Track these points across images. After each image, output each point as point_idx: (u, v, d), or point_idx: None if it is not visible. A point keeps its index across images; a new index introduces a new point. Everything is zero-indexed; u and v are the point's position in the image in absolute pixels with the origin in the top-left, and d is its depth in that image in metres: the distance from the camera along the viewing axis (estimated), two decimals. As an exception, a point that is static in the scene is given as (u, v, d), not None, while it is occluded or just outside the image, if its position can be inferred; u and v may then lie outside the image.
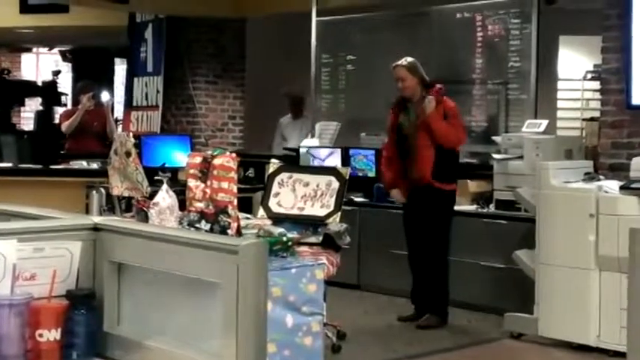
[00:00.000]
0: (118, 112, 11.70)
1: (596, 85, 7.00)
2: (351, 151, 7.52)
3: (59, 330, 1.89)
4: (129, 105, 10.09)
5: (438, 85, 5.95)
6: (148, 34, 9.74)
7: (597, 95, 6.75)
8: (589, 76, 8.63)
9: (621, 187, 5.24)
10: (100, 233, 2.03)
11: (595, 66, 7.82)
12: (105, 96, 9.41)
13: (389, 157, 6.13)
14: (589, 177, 5.55)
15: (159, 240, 1.92)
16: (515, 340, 5.63)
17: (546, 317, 5.44)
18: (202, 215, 3.59)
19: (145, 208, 3.96)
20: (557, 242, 5.39)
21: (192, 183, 3.66)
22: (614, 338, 5.07)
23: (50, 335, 1.88)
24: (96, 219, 2.07)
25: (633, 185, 5.19)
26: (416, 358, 5.30)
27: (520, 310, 5.66)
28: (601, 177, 5.58)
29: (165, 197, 3.85)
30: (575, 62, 8.87)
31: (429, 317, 5.95)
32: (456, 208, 6.13)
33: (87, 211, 5.98)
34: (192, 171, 3.68)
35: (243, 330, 1.70)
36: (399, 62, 6.02)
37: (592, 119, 7.18)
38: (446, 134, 5.80)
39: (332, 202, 4.41)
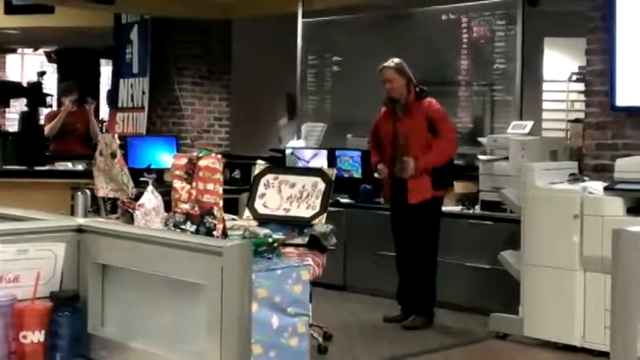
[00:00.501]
0: (104, 113, 11.67)
1: (581, 86, 7.03)
2: (337, 153, 7.53)
3: (43, 332, 1.88)
4: (114, 106, 10.05)
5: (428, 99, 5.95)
6: (134, 35, 9.71)
7: (582, 97, 6.78)
8: (574, 77, 8.66)
9: (605, 188, 5.26)
10: (84, 235, 2.02)
11: (580, 68, 7.85)
12: (88, 97, 9.38)
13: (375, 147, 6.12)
14: (574, 178, 5.58)
15: (143, 241, 1.91)
16: (501, 341, 5.65)
17: (531, 318, 5.46)
18: (188, 216, 3.58)
19: (130, 210, 3.95)
20: (542, 243, 5.42)
21: (177, 184, 3.65)
22: (598, 338, 5.09)
23: (34, 337, 1.87)
24: (80, 220, 2.07)
25: (617, 186, 5.22)
26: (402, 358, 5.31)
27: (505, 311, 5.68)
28: (585, 178, 5.61)
29: (151, 198, 3.84)
30: (560, 64, 8.90)
31: (415, 318, 5.96)
32: (442, 208, 6.15)
33: (72, 212, 5.95)
34: (177, 172, 3.67)
35: (227, 331, 1.69)
36: (386, 64, 6.01)
37: (577, 120, 7.20)
38: (438, 161, 5.80)
39: (318, 203, 4.42)
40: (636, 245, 2.07)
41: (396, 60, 6.03)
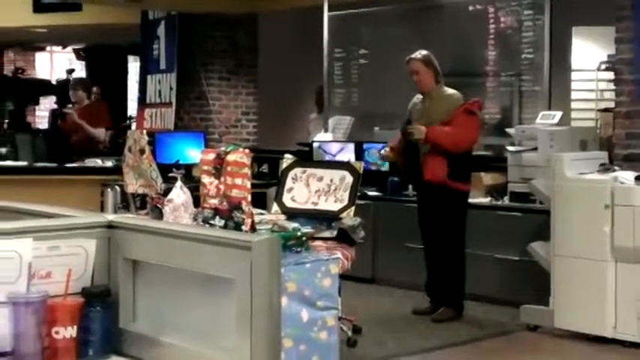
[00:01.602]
0: (132, 109, 11.75)
1: (610, 75, 6.95)
2: (365, 145, 7.52)
3: (75, 327, 1.90)
4: (142, 102, 10.11)
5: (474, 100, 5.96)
6: (161, 31, 9.75)
7: (611, 86, 6.71)
8: (603, 66, 8.57)
9: (636, 178, 5.22)
10: (114, 231, 2.04)
11: (609, 56, 7.76)
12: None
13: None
14: (604, 168, 5.53)
15: (173, 237, 1.92)
16: (532, 332, 5.62)
17: (562, 309, 5.42)
18: (216, 211, 3.59)
19: (159, 205, 3.97)
20: (572, 234, 5.38)
21: (206, 179, 3.66)
22: (630, 329, 5.05)
23: (66, 332, 1.89)
24: (110, 217, 2.08)
25: (648, 176, 5.17)
26: (432, 351, 5.30)
27: (536, 302, 5.65)
28: (616, 168, 5.56)
29: (180, 194, 3.86)
30: (589, 53, 8.81)
31: (445, 310, 5.94)
32: (470, 200, 6.13)
33: (102, 208, 6.01)
34: (205, 167, 3.69)
35: (257, 326, 1.70)
36: (413, 55, 6.01)
37: (606, 110, 7.13)
38: (448, 142, 5.76)
39: (346, 196, 4.41)
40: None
41: (424, 52, 6.02)
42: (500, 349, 5.43)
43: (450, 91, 5.98)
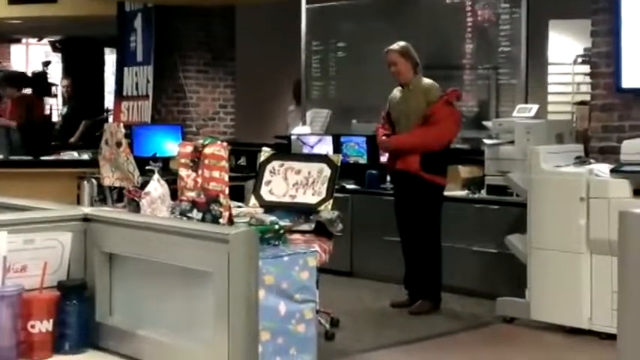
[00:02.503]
0: (109, 102, 11.68)
1: (587, 68, 7.00)
2: (343, 139, 7.52)
3: (51, 321, 1.89)
4: (119, 95, 10.05)
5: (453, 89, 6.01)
6: (137, 23, 9.70)
7: (588, 79, 6.75)
8: (579, 59, 8.63)
9: (612, 171, 5.25)
10: (90, 224, 2.03)
11: (585, 50, 7.82)
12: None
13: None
14: (580, 161, 5.57)
15: (149, 230, 1.92)
16: (508, 325, 5.65)
17: (538, 301, 5.46)
18: (194, 204, 3.59)
19: (136, 198, 3.96)
20: (548, 226, 5.41)
21: (183, 172, 3.65)
22: (605, 321, 5.09)
23: (42, 326, 1.88)
24: (86, 209, 2.07)
25: (624, 168, 5.21)
26: (410, 344, 5.32)
27: (512, 295, 5.68)
28: (592, 160, 5.60)
29: (157, 187, 3.85)
30: (566, 46, 8.86)
31: (422, 303, 5.96)
32: (447, 193, 6.15)
33: (79, 201, 5.97)
34: (183, 160, 3.68)
35: (234, 318, 1.70)
36: (392, 47, 6.03)
37: (582, 103, 7.18)
38: (413, 145, 5.82)
39: (324, 189, 4.42)
40: (643, 227, 2.07)
41: (402, 43, 6.03)
42: (477, 342, 5.45)
43: (428, 81, 6.00)
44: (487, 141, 6.41)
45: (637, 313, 2.07)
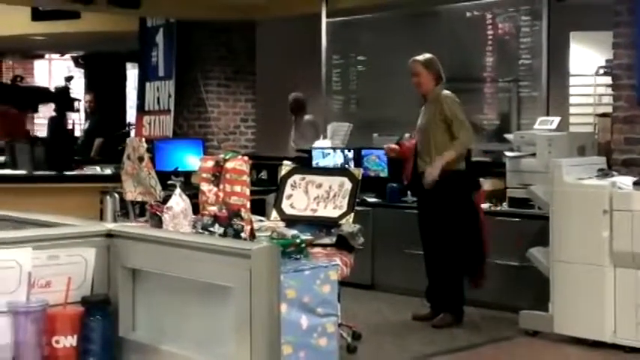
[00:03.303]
0: (131, 116, 11.75)
1: (608, 80, 6.97)
2: (364, 152, 7.53)
3: (75, 336, 1.90)
4: (141, 109, 10.12)
5: None
6: (159, 38, 9.77)
7: (609, 91, 6.72)
8: (601, 71, 8.59)
9: (635, 183, 5.22)
10: (113, 239, 2.04)
11: (607, 61, 7.78)
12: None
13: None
14: (602, 173, 5.54)
15: (172, 245, 1.93)
16: (531, 338, 5.62)
17: (561, 314, 5.43)
18: (216, 219, 3.60)
19: (158, 213, 3.97)
20: (571, 239, 5.38)
21: (205, 187, 3.67)
22: (629, 334, 5.05)
23: (66, 342, 1.89)
24: (109, 225, 2.09)
25: (647, 181, 5.18)
26: (431, 357, 5.30)
27: (535, 308, 5.65)
28: (614, 173, 5.57)
29: (179, 201, 3.86)
30: (587, 58, 8.82)
31: (444, 316, 5.94)
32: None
33: (101, 216, 6.00)
34: (204, 175, 3.69)
35: (257, 333, 1.70)
36: (416, 57, 6.04)
37: (604, 115, 7.13)
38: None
39: (345, 203, 4.42)
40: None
41: (427, 55, 6.05)
42: (499, 355, 5.43)
43: (446, 92, 6.01)
44: (508, 153, 6.40)
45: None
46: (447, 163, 5.83)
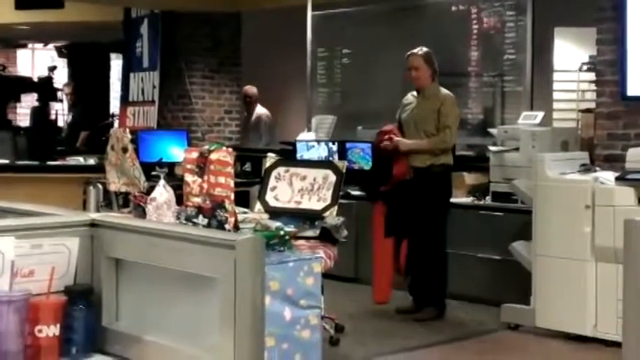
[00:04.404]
0: (114, 107, 11.70)
1: (592, 76, 7.00)
2: (348, 145, 7.52)
3: (58, 326, 1.90)
4: (125, 100, 10.08)
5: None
6: (144, 29, 9.72)
7: (593, 87, 6.75)
8: (584, 67, 8.62)
9: (617, 178, 5.25)
10: (97, 229, 2.03)
11: (590, 57, 7.81)
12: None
13: None
14: (585, 168, 5.57)
15: (156, 236, 1.92)
16: (513, 332, 5.65)
17: (543, 308, 5.46)
18: (200, 210, 3.59)
19: (142, 204, 3.96)
20: (553, 233, 5.41)
21: (189, 178, 3.66)
22: (610, 328, 5.08)
23: (49, 331, 1.88)
24: (93, 215, 2.08)
25: (629, 176, 5.21)
26: (414, 350, 5.32)
27: (517, 302, 5.68)
28: (597, 168, 5.60)
29: (163, 192, 3.85)
30: (571, 54, 8.85)
31: (427, 309, 5.96)
32: (452, 200, 6.15)
33: (84, 206, 5.98)
34: (189, 166, 3.68)
35: (240, 324, 1.70)
36: (415, 50, 6.03)
37: (588, 110, 7.17)
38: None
39: (329, 195, 4.42)
40: (648, 235, 2.07)
41: (425, 49, 6.04)
42: (481, 349, 5.45)
43: (445, 92, 6.01)
44: (492, 148, 6.42)
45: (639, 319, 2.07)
46: (430, 156, 5.85)
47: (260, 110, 9.06)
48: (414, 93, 6.09)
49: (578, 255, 5.29)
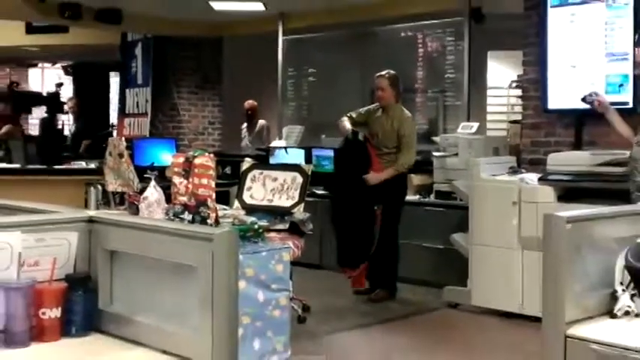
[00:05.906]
0: (114, 118, 11.58)
1: (519, 92, 7.06)
2: (314, 151, 7.52)
3: (59, 309, 1.88)
4: (122, 112, 10.00)
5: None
6: (138, 51, 9.66)
7: (520, 101, 6.81)
8: (513, 85, 8.69)
9: (539, 179, 5.30)
10: (94, 225, 2.01)
11: (518, 76, 7.87)
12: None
13: None
14: (512, 170, 5.61)
15: (146, 230, 1.91)
16: (453, 309, 5.68)
17: (478, 289, 5.49)
18: (185, 207, 3.56)
19: (135, 202, 3.93)
20: (486, 226, 5.45)
21: (176, 180, 3.63)
22: (534, 306, 5.12)
23: (52, 313, 1.86)
24: (91, 212, 2.06)
25: (549, 177, 5.26)
26: (370, 326, 5.33)
27: (457, 284, 5.71)
28: (523, 170, 5.64)
29: (154, 192, 3.82)
30: (502, 73, 8.92)
31: (380, 292, 5.97)
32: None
33: (86, 204, 5.90)
34: (176, 169, 3.65)
35: (217, 306, 1.70)
36: (382, 73, 5.98)
37: (515, 122, 7.22)
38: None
39: (297, 194, 4.41)
40: (563, 227, 2.10)
41: (392, 72, 6.00)
42: (426, 324, 5.47)
43: (407, 114, 5.97)
44: (435, 153, 6.45)
45: (558, 299, 2.09)
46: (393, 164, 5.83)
47: (261, 121, 8.98)
48: (380, 107, 6.04)
49: (507, 244, 5.33)
